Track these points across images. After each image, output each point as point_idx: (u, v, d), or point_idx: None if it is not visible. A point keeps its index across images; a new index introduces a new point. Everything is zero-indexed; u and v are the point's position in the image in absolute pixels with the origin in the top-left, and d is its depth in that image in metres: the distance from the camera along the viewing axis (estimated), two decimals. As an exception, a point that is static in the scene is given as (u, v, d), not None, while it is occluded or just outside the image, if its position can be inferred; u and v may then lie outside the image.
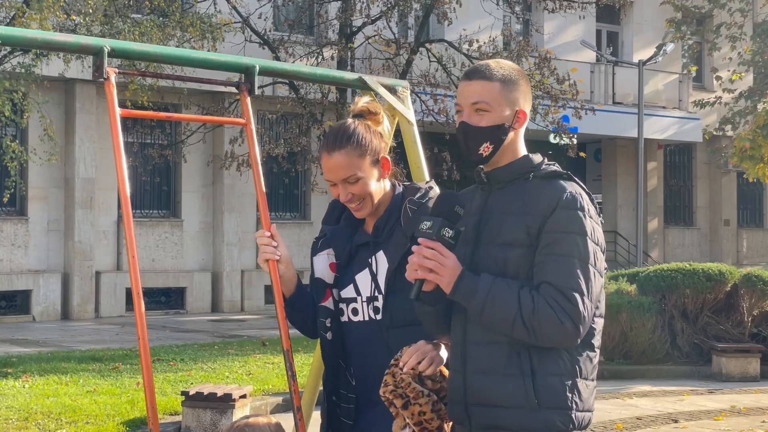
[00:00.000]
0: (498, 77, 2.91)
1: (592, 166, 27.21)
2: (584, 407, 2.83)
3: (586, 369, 2.84)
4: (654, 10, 27.22)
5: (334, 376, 3.27)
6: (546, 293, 2.76)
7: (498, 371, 2.82)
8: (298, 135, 18.69)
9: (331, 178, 3.20)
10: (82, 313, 18.71)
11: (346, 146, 3.17)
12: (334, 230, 3.33)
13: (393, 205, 3.24)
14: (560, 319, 2.73)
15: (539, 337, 2.75)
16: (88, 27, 13.72)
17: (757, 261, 27.78)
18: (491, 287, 2.78)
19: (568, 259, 2.76)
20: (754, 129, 19.71)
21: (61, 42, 3.08)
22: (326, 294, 3.27)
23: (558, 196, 2.82)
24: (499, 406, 2.81)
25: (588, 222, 2.81)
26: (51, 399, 9.05)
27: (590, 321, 2.79)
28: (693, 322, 12.65)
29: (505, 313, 2.76)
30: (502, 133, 2.91)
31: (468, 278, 2.80)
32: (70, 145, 18.99)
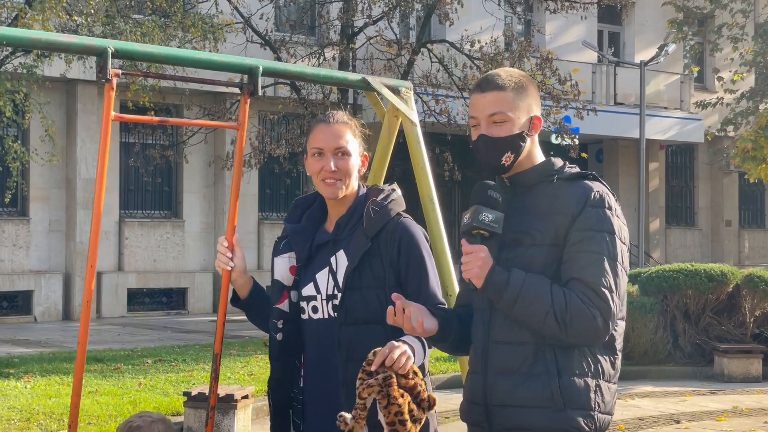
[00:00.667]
0: (511, 86, 2.94)
1: (593, 166, 27.18)
2: (606, 409, 2.86)
3: (609, 371, 2.87)
4: (655, 11, 27.21)
5: (281, 376, 3.34)
6: (576, 289, 2.79)
7: (522, 371, 2.83)
8: (300, 135, 18.69)
9: (323, 145, 3.26)
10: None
11: (349, 123, 3.31)
12: (296, 229, 3.38)
13: (356, 204, 3.30)
14: (592, 314, 2.76)
15: (570, 332, 2.77)
16: (90, 28, 13.71)
17: (759, 261, 27.75)
18: (524, 281, 2.81)
19: (597, 257, 2.80)
20: (755, 130, 19.69)
21: (65, 43, 3.08)
22: (283, 296, 3.33)
23: (586, 194, 2.86)
24: (522, 407, 2.82)
25: (616, 220, 2.85)
26: (53, 399, 9.06)
27: (618, 318, 2.83)
28: (695, 322, 12.65)
29: (538, 306, 2.79)
30: (521, 141, 2.95)
31: (499, 272, 2.83)
32: (71, 146, 19.00)
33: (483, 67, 18.08)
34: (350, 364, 3.13)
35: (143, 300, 19.98)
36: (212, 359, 3.41)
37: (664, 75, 26.41)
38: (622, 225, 2.88)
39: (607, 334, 2.81)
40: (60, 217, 19.10)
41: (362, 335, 3.13)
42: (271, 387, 3.37)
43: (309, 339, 3.30)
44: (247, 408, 8.25)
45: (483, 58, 18.23)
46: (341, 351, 3.16)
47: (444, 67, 18.39)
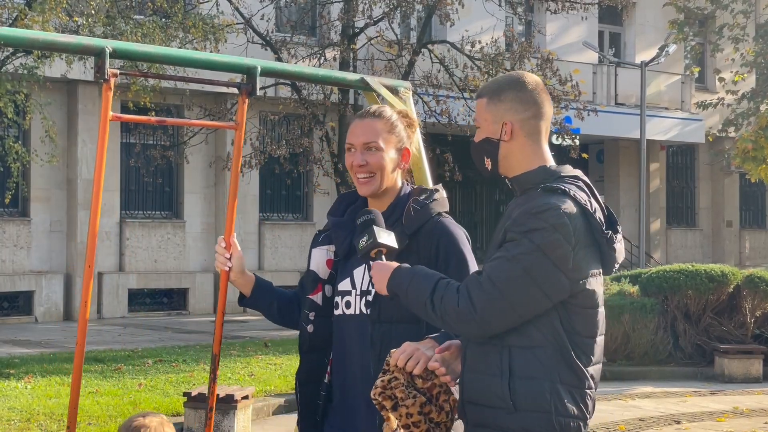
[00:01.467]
0: (485, 92, 2.99)
1: (594, 167, 27.20)
2: (569, 413, 2.81)
3: (570, 378, 2.82)
4: (656, 12, 27.21)
5: (309, 369, 3.33)
6: (467, 280, 2.86)
7: (486, 371, 2.85)
8: (300, 136, 18.70)
9: (353, 141, 3.26)
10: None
11: (380, 118, 3.28)
12: (338, 222, 3.36)
13: (397, 201, 3.28)
14: (459, 300, 2.80)
15: (442, 318, 2.84)
16: (91, 28, 13.72)
17: (760, 262, 27.73)
18: (414, 275, 2.91)
19: (505, 256, 2.80)
20: (756, 130, 19.71)
21: (63, 43, 3.09)
22: (317, 288, 3.32)
23: (535, 204, 2.83)
24: (485, 406, 2.85)
25: (551, 237, 2.77)
26: (53, 400, 9.06)
27: (501, 321, 2.78)
28: (695, 323, 12.64)
29: (420, 294, 2.87)
30: (491, 147, 2.96)
31: (396, 275, 2.93)
32: (72, 147, 19.01)
33: (484, 67, 18.08)
34: (382, 363, 3.09)
35: (144, 300, 19.98)
36: (211, 360, 3.40)
37: (664, 75, 26.41)
38: (560, 245, 2.76)
39: (474, 323, 2.79)
40: (61, 217, 19.10)
41: (395, 334, 3.11)
42: (300, 380, 3.34)
43: (340, 335, 3.27)
44: (247, 408, 8.25)
45: (484, 58, 18.24)
46: (373, 349, 3.14)
47: (445, 68, 18.40)
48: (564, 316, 2.83)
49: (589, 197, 2.90)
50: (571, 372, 2.82)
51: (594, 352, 2.88)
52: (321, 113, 18.43)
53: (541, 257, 2.76)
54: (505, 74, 3.05)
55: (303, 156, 19.18)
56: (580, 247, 2.82)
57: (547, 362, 2.80)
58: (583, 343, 2.85)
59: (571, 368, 2.82)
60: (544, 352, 2.80)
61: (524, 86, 2.96)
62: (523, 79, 2.98)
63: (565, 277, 2.79)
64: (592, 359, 2.88)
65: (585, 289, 2.84)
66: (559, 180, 2.90)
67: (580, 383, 2.84)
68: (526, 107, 2.96)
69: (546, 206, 2.80)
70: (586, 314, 2.85)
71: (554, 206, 2.80)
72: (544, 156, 2.98)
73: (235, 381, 10.29)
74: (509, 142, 2.95)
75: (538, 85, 2.99)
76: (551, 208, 2.79)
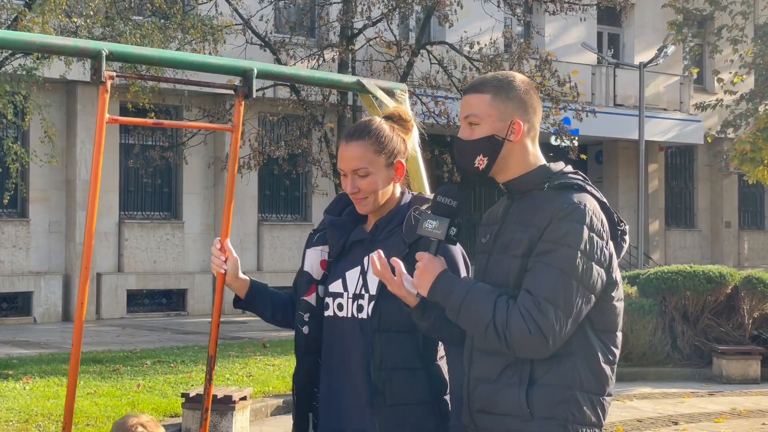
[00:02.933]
0: (489, 88, 2.90)
1: (593, 168, 27.21)
2: (584, 421, 2.79)
3: (590, 383, 2.79)
4: (655, 12, 27.22)
5: (307, 371, 3.31)
6: (522, 301, 2.74)
7: (499, 380, 2.81)
8: (299, 137, 18.70)
9: (342, 167, 3.22)
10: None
11: (364, 139, 3.19)
12: (334, 221, 3.34)
13: (398, 209, 3.26)
14: (529, 328, 2.70)
15: (510, 345, 2.74)
16: (90, 29, 13.72)
17: (758, 263, 27.74)
18: (469, 290, 2.79)
19: (551, 269, 2.72)
20: (754, 132, 19.71)
21: (59, 45, 3.10)
22: (311, 289, 3.30)
23: (559, 206, 2.77)
24: (498, 414, 2.81)
25: (586, 235, 2.74)
26: (51, 401, 9.06)
27: (564, 334, 2.73)
28: (693, 324, 12.65)
29: (479, 317, 2.76)
30: (493, 145, 2.88)
31: (445, 280, 2.82)
32: (71, 147, 19.02)
33: (482, 68, 18.09)
34: (383, 371, 3.11)
35: (143, 301, 19.99)
36: (206, 362, 3.41)
37: (663, 76, 26.42)
38: (597, 241, 2.76)
39: (547, 349, 2.72)
40: (60, 218, 19.11)
41: (396, 343, 3.11)
42: (297, 382, 3.33)
43: (330, 337, 3.26)
44: (245, 409, 8.26)
45: (482, 59, 18.25)
46: (374, 358, 3.11)
47: (443, 69, 18.41)
48: (593, 314, 2.80)
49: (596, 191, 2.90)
50: (594, 378, 2.80)
51: (617, 345, 2.86)
52: (320, 114, 18.44)
53: (585, 261, 2.73)
54: (501, 72, 3.00)
55: (302, 157, 19.19)
56: (607, 239, 2.81)
57: (571, 369, 2.77)
58: (608, 339, 2.83)
59: (595, 374, 2.80)
60: (570, 359, 2.77)
61: (528, 85, 2.95)
62: (524, 79, 2.97)
63: (603, 270, 2.78)
64: (617, 355, 2.86)
65: (612, 281, 2.82)
66: (565, 177, 2.87)
67: (600, 390, 2.81)
68: (533, 108, 2.94)
69: (572, 206, 2.77)
70: (612, 308, 2.83)
71: (580, 204, 2.77)
72: (539, 156, 2.96)
73: (233, 382, 10.30)
74: (514, 142, 2.90)
75: (532, 84, 2.99)
76: (577, 207, 2.77)
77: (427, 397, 3.12)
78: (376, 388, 3.10)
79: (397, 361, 3.08)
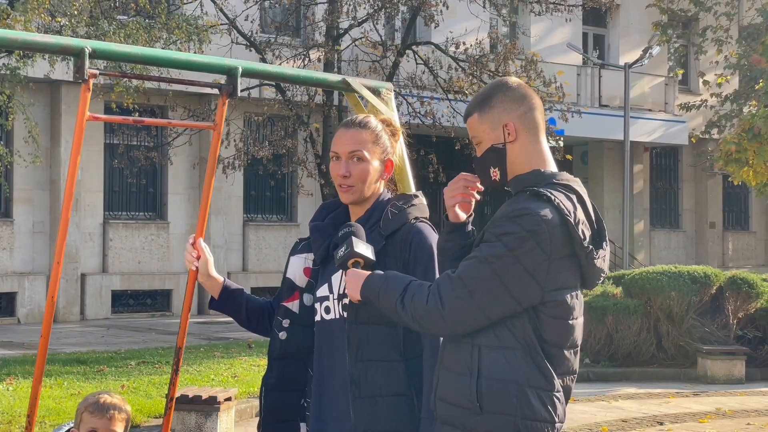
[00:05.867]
0: (473, 109, 2.99)
1: (578, 168, 27.26)
2: (534, 416, 2.79)
3: (540, 381, 2.80)
4: (640, 13, 27.30)
5: (280, 376, 3.31)
6: (438, 278, 2.87)
7: (455, 369, 2.86)
8: (284, 137, 18.67)
9: (339, 149, 3.27)
10: (67, 315, 18.65)
11: (366, 128, 3.29)
12: (316, 226, 3.38)
13: (375, 206, 3.30)
14: (428, 299, 2.80)
15: (412, 317, 2.84)
16: (74, 28, 13.66)
17: (743, 263, 27.86)
18: (387, 278, 2.93)
19: (477, 256, 2.79)
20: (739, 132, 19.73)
21: (42, 43, 3.07)
22: (293, 295, 3.32)
23: (515, 208, 2.80)
24: (452, 404, 2.85)
25: (526, 242, 2.74)
26: (35, 402, 9.00)
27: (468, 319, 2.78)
28: (678, 324, 12.68)
29: (391, 295, 2.88)
30: (498, 154, 2.93)
31: (369, 280, 2.95)
32: (55, 147, 18.93)
33: (468, 69, 18.11)
34: (359, 363, 3.13)
35: (128, 302, 19.92)
36: (174, 352, 3.42)
37: (648, 77, 26.49)
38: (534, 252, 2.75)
39: (442, 323, 2.80)
40: (44, 218, 19.02)
41: (372, 335, 3.13)
42: (267, 386, 3.32)
43: (321, 341, 3.28)
44: (230, 410, 8.23)
45: (468, 60, 18.26)
46: (350, 349, 3.14)
47: (429, 69, 18.41)
48: (534, 321, 2.80)
49: (575, 208, 2.84)
50: (541, 375, 2.80)
51: (563, 363, 2.85)
52: (305, 114, 18.41)
53: (513, 262, 2.74)
54: (486, 85, 3.07)
55: (287, 157, 19.15)
56: (556, 257, 2.78)
57: (516, 364, 2.78)
58: (551, 352, 2.82)
59: (540, 371, 2.80)
60: (514, 353, 2.79)
61: (508, 85, 2.97)
62: (505, 80, 3.00)
63: (536, 283, 2.77)
64: (560, 370, 2.84)
65: (557, 299, 2.80)
66: (549, 186, 2.86)
67: (548, 386, 2.81)
68: (519, 103, 2.95)
69: (525, 211, 2.77)
70: (557, 324, 2.82)
71: (533, 212, 2.77)
72: (543, 156, 2.96)
73: (218, 383, 10.26)
74: (514, 143, 2.93)
75: (521, 82, 3.00)
76: (529, 213, 2.77)
77: (405, 390, 3.13)
78: (352, 379, 3.13)
79: (373, 353, 3.11)
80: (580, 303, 2.90)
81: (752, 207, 30.15)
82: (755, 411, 10.13)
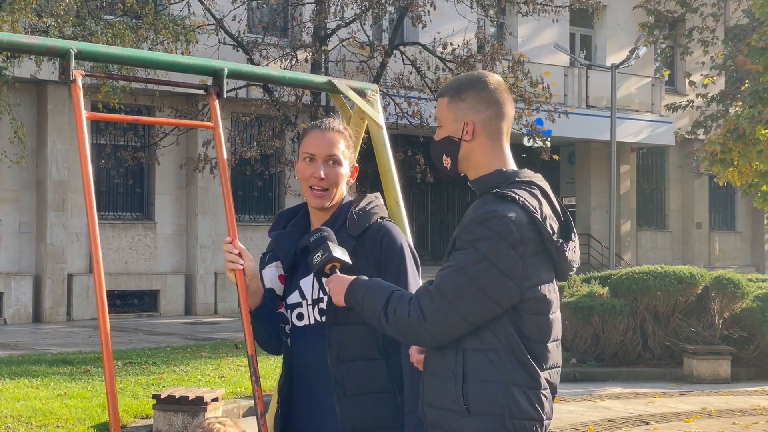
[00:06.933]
0: (446, 91, 2.99)
1: (565, 169, 27.33)
2: (522, 415, 2.81)
3: (524, 380, 2.82)
4: (627, 14, 27.38)
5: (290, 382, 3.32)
6: (418, 290, 2.88)
7: (440, 374, 2.87)
8: (272, 138, 18.67)
9: (316, 152, 3.26)
10: (53, 315, 18.59)
11: (342, 133, 3.31)
12: (281, 234, 3.38)
13: (340, 209, 3.30)
14: (410, 312, 2.82)
15: (395, 329, 2.86)
16: (60, 29, 13.63)
17: (729, 264, 27.96)
18: (370, 287, 2.93)
19: (452, 265, 2.81)
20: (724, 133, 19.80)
21: (28, 44, 3.07)
22: (279, 304, 3.35)
23: (482, 211, 2.82)
24: (440, 408, 2.87)
25: (497, 244, 2.76)
26: (21, 402, 8.99)
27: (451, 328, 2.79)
28: (664, 324, 12.72)
29: (375, 307, 2.89)
30: (453, 146, 2.95)
31: (353, 287, 2.96)
32: (42, 147, 18.88)
33: (455, 69, 18.13)
34: (341, 364, 3.14)
35: (115, 302, 19.86)
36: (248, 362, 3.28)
37: (635, 78, 26.57)
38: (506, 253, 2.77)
39: (426, 334, 2.81)
40: (30, 218, 18.97)
41: (352, 336, 3.14)
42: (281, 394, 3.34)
43: (298, 347, 3.27)
44: (217, 410, 8.23)
45: (455, 60, 18.29)
46: (331, 351, 3.15)
47: (416, 70, 18.44)
48: (515, 319, 2.83)
49: (541, 204, 2.87)
50: (526, 373, 2.82)
51: (546, 357, 2.88)
52: (293, 115, 18.42)
53: (488, 266, 2.76)
54: (467, 73, 3.04)
55: (274, 157, 19.13)
56: (529, 255, 2.81)
57: (501, 364, 2.80)
58: (534, 348, 2.85)
59: (525, 369, 2.82)
60: (498, 354, 2.81)
61: (485, 86, 2.96)
62: (484, 79, 2.98)
63: (513, 283, 2.79)
64: (545, 364, 2.87)
65: (536, 296, 2.83)
66: (513, 185, 2.88)
67: (534, 384, 2.83)
68: (487, 107, 2.94)
69: (492, 214, 2.79)
70: (537, 320, 2.85)
71: (500, 214, 2.78)
72: (503, 157, 2.97)
73: (205, 383, 10.25)
74: (470, 142, 2.94)
75: (500, 84, 2.98)
76: (497, 216, 2.78)
77: (388, 386, 3.16)
78: (336, 380, 3.14)
79: (355, 352, 3.13)
80: (556, 296, 2.93)
81: (738, 207, 30.28)
82: (740, 411, 10.17)
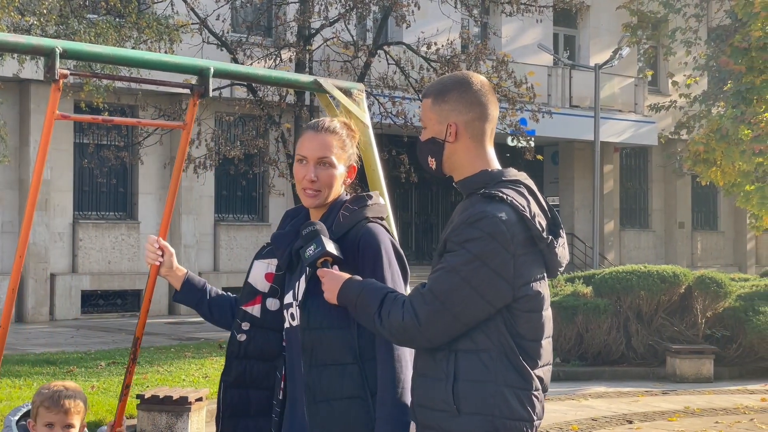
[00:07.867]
0: (430, 93, 3.00)
1: (549, 168, 27.39)
2: (512, 415, 2.81)
3: (515, 380, 2.83)
4: (610, 15, 27.46)
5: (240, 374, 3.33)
6: (411, 293, 2.88)
7: (431, 375, 2.88)
8: (256, 137, 18.64)
9: (308, 154, 3.25)
10: (36, 315, 18.52)
11: (336, 134, 3.28)
12: (278, 234, 3.38)
13: (331, 209, 3.29)
14: (404, 315, 2.83)
15: (389, 332, 2.87)
16: (43, 27, 13.57)
17: (711, 263, 28.10)
18: (363, 288, 2.94)
19: (444, 267, 2.82)
20: (707, 133, 19.91)
21: (13, 43, 3.05)
22: (255, 299, 3.34)
23: (472, 212, 2.83)
24: (430, 409, 2.87)
25: (488, 244, 2.78)
26: (4, 403, 8.95)
27: (445, 329, 2.81)
28: (648, 323, 12.77)
29: (369, 309, 2.90)
30: (437, 147, 2.97)
31: (346, 286, 2.96)
32: (24, 147, 18.79)
33: (439, 69, 18.14)
34: (313, 369, 3.12)
35: (97, 302, 19.81)
36: (132, 343, 3.49)
37: (618, 78, 26.65)
38: (497, 252, 2.78)
39: (420, 337, 2.83)
40: (12, 218, 18.88)
41: (325, 340, 3.11)
42: (226, 383, 3.33)
43: (290, 347, 3.28)
44: (201, 410, 8.21)
45: (439, 60, 18.30)
46: (305, 355, 3.13)
47: (401, 69, 18.43)
48: (508, 319, 2.84)
49: (529, 202, 2.88)
50: (517, 374, 2.83)
51: (540, 355, 2.89)
52: (277, 114, 18.39)
53: (480, 266, 2.77)
54: (451, 74, 3.04)
55: (258, 157, 19.10)
56: (520, 253, 2.82)
57: (492, 365, 2.81)
58: (528, 346, 2.86)
59: (517, 370, 2.83)
60: (490, 355, 2.81)
61: (469, 87, 2.96)
62: (468, 80, 2.98)
63: (506, 283, 2.80)
64: (539, 362, 2.88)
65: (528, 294, 2.85)
66: (499, 185, 2.89)
67: (526, 385, 2.84)
68: (470, 108, 2.95)
69: (482, 215, 2.80)
70: (531, 318, 2.86)
71: (490, 215, 2.80)
72: (487, 158, 2.98)
73: (189, 383, 10.23)
74: (454, 144, 2.95)
75: (484, 85, 2.98)
76: (486, 216, 2.79)
77: (360, 392, 3.11)
78: (307, 385, 3.12)
79: (327, 357, 3.10)
80: (547, 293, 2.94)
81: (721, 207, 30.41)
82: (723, 410, 10.22)
